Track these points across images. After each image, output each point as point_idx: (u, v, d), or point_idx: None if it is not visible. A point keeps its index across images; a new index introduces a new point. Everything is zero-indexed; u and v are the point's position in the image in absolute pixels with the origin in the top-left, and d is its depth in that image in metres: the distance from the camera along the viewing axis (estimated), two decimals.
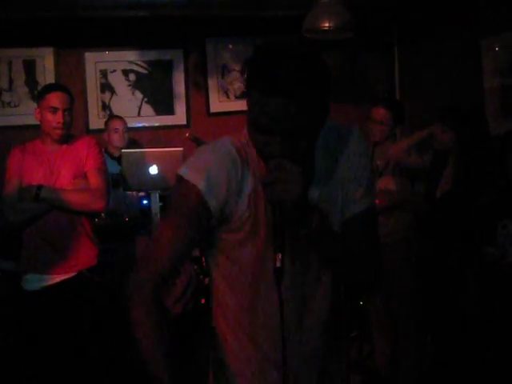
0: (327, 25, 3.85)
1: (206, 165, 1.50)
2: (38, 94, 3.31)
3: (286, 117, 1.34)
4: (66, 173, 3.19)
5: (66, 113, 3.15)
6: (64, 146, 3.23)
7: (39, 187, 3.09)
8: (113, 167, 4.17)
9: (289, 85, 1.32)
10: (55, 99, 3.14)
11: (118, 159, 4.46)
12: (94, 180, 3.21)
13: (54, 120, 3.12)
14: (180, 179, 1.50)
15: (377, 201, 3.61)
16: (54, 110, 3.12)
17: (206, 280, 3.92)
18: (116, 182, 4.11)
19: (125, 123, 4.83)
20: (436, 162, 3.63)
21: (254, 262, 1.55)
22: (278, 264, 1.41)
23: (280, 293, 1.46)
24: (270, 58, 1.37)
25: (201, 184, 1.47)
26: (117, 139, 4.73)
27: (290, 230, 1.45)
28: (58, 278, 3.15)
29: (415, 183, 3.88)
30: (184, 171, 1.51)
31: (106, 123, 4.88)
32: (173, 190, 1.62)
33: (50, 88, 3.28)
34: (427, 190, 3.66)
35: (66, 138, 3.24)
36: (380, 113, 3.86)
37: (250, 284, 1.57)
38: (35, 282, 3.18)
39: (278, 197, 1.37)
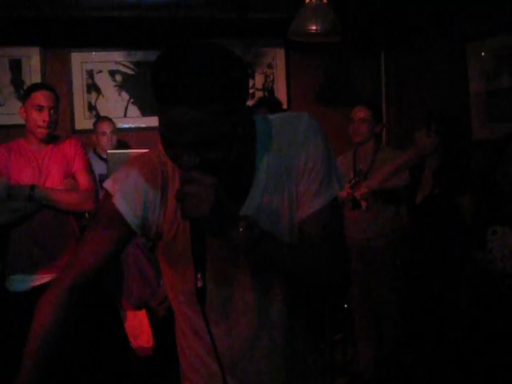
0: (314, 28, 3.85)
1: (125, 176, 1.45)
2: (24, 93, 3.31)
3: (189, 127, 1.22)
4: (55, 172, 3.19)
5: (52, 111, 3.15)
6: (51, 146, 3.22)
7: (32, 187, 3.08)
8: (101, 168, 4.15)
9: (189, 92, 1.19)
10: (41, 97, 3.13)
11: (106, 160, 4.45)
12: (83, 180, 3.22)
13: (40, 118, 3.12)
14: (103, 187, 1.50)
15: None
16: (40, 109, 3.11)
17: None
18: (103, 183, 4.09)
19: (113, 125, 4.82)
20: (415, 168, 3.65)
21: (182, 281, 1.49)
22: (200, 284, 1.32)
23: (204, 314, 1.36)
24: (168, 64, 1.22)
25: (116, 195, 1.44)
26: (105, 142, 4.73)
27: (213, 246, 1.35)
28: (45, 279, 3.13)
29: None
30: (106, 181, 1.49)
31: (94, 125, 4.87)
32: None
33: (35, 87, 3.28)
34: (407, 196, 3.67)
35: (51, 138, 3.23)
36: (360, 111, 3.89)
37: (185, 303, 1.54)
38: (21, 282, 3.16)
39: (189, 213, 1.25)
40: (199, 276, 1.32)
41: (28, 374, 1.51)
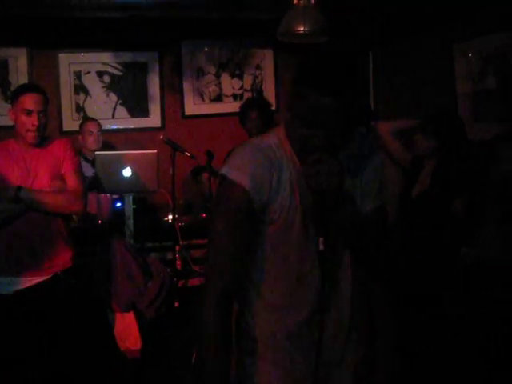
0: (302, 29, 3.85)
1: (249, 164, 1.64)
2: (12, 95, 3.26)
3: (333, 115, 1.53)
4: (43, 174, 3.15)
5: (41, 114, 3.11)
6: (40, 147, 3.19)
7: (19, 188, 3.05)
8: (87, 170, 4.14)
9: (339, 87, 1.53)
10: (29, 101, 3.09)
11: (93, 162, 4.43)
12: (72, 182, 3.18)
13: (29, 122, 3.08)
14: (224, 179, 1.64)
15: None
16: (29, 113, 3.07)
17: (180, 283, 3.91)
18: (90, 185, 4.08)
19: (99, 125, 4.79)
20: (413, 166, 3.65)
21: (295, 248, 1.71)
22: (321, 247, 1.63)
23: (323, 274, 1.67)
24: (324, 63, 1.58)
25: (247, 184, 1.61)
26: (91, 142, 4.69)
27: (328, 216, 1.64)
28: (32, 281, 3.10)
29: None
30: (227, 171, 1.64)
31: (81, 126, 4.83)
32: (217, 190, 1.71)
33: (23, 89, 3.21)
34: (403, 192, 3.67)
35: (41, 139, 3.20)
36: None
37: (293, 270, 1.74)
38: (9, 285, 3.12)
39: (321, 186, 1.57)
40: (321, 240, 1.64)
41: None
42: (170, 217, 4.33)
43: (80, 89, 5.40)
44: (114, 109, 5.48)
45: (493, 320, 3.05)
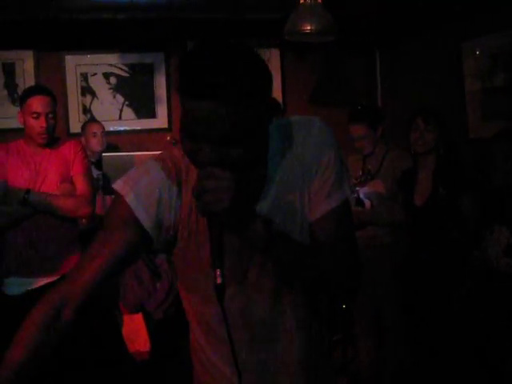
0: (309, 28, 3.85)
1: (137, 178, 1.43)
2: (20, 98, 3.26)
3: (214, 122, 1.23)
4: (52, 176, 3.16)
5: (49, 116, 3.11)
6: (49, 149, 3.19)
7: (27, 191, 3.06)
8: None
9: (216, 87, 1.21)
10: (37, 104, 3.09)
11: (96, 164, 4.42)
12: (81, 185, 3.19)
13: (37, 125, 3.08)
14: (114, 191, 1.45)
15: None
16: (37, 115, 3.08)
17: None
18: (96, 187, 4.08)
19: (103, 127, 4.76)
20: (405, 177, 3.64)
21: (201, 280, 1.46)
22: (219, 280, 1.31)
23: (223, 311, 1.36)
24: (197, 59, 1.27)
25: (129, 195, 1.40)
26: (95, 143, 4.65)
27: (230, 243, 1.36)
28: (40, 282, 3.11)
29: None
30: (116, 182, 1.45)
31: (83, 127, 4.80)
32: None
33: (31, 92, 3.22)
34: (404, 198, 3.65)
35: (51, 141, 3.20)
36: (357, 129, 3.86)
37: (202, 302, 1.52)
38: (17, 286, 3.14)
39: (207, 207, 1.26)
40: (218, 273, 1.31)
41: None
42: None
43: (87, 91, 5.39)
44: (121, 110, 5.47)
45: (501, 323, 3.02)
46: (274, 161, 1.45)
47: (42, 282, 3.12)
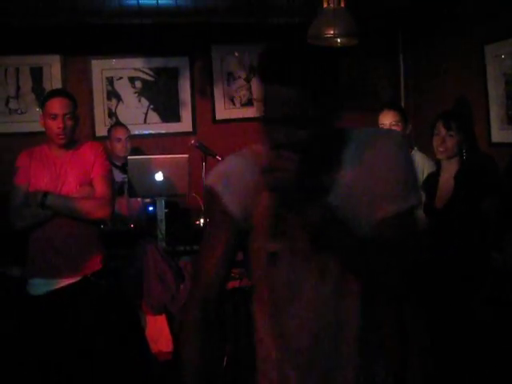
0: (332, 32, 3.85)
1: (225, 169, 1.59)
2: (41, 103, 3.33)
3: (284, 103, 1.37)
4: (72, 179, 3.20)
5: (67, 117, 3.15)
6: (70, 152, 3.24)
7: (45, 194, 3.11)
8: (116, 176, 4.18)
9: (286, 72, 1.36)
10: (54, 105, 3.15)
11: (121, 168, 4.48)
12: (100, 188, 3.22)
13: (55, 126, 3.13)
14: (204, 186, 1.63)
15: None
16: (54, 117, 3.13)
17: None
18: (120, 189, 4.13)
19: (127, 131, 4.82)
20: (428, 180, 3.63)
21: (261, 254, 1.53)
22: (272, 249, 1.44)
23: (272, 279, 1.48)
24: (275, 51, 1.42)
25: (219, 186, 1.54)
26: (119, 149, 4.72)
27: (291, 220, 1.45)
28: (63, 283, 3.16)
29: None
30: (207, 178, 1.61)
31: (109, 131, 4.88)
32: None
33: (48, 95, 3.28)
34: (426, 202, 3.64)
35: (72, 144, 3.25)
36: (389, 115, 3.85)
37: (263, 277, 1.55)
38: (41, 286, 3.19)
39: (273, 183, 1.37)
40: (274, 246, 1.45)
41: None
42: (202, 221, 4.36)
43: (112, 94, 5.46)
44: (146, 114, 5.53)
45: None
46: (348, 163, 1.51)
47: (65, 282, 3.17)
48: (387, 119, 3.85)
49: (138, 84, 5.50)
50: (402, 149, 1.52)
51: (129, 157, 4.38)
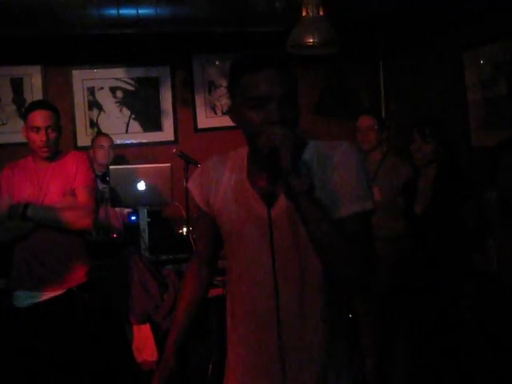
0: (312, 40, 3.88)
1: (200, 169, 1.90)
2: (23, 113, 3.31)
3: (275, 83, 1.60)
4: (54, 190, 3.18)
5: (50, 130, 3.13)
6: (53, 163, 3.22)
7: (26, 205, 3.09)
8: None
9: (271, 60, 1.63)
10: (37, 118, 3.12)
11: (102, 176, 4.47)
12: (82, 197, 3.20)
13: (38, 139, 3.11)
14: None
15: None
16: (37, 130, 3.11)
17: None
18: (100, 199, 4.12)
19: (111, 141, 4.84)
20: (408, 186, 3.66)
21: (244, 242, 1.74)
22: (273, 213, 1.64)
23: (272, 242, 1.64)
24: (251, 56, 1.67)
25: (190, 184, 1.88)
26: (101, 156, 4.73)
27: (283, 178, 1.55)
28: (47, 295, 3.14)
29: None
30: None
31: (93, 140, 4.90)
32: None
33: (31, 107, 3.24)
34: (406, 206, 3.67)
35: (55, 154, 3.24)
36: (366, 120, 3.91)
37: (244, 249, 1.75)
38: (25, 298, 3.17)
39: (273, 143, 1.53)
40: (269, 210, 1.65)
41: (178, 329, 1.99)
42: (185, 229, 4.35)
43: (93, 104, 5.46)
44: (128, 124, 5.53)
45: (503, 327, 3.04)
46: (305, 165, 1.65)
47: (49, 295, 3.15)
48: (363, 124, 3.92)
49: (120, 94, 5.50)
50: (351, 155, 1.66)
51: (111, 166, 4.37)
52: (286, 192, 1.55)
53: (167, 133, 5.57)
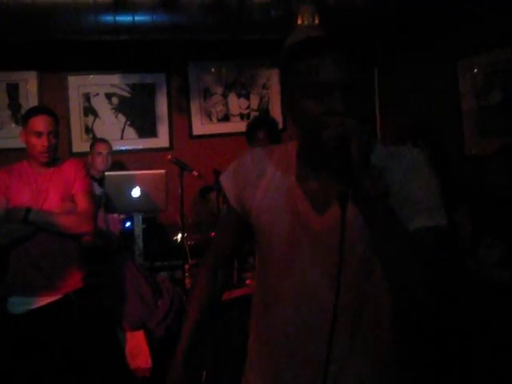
0: None
1: (236, 162, 1.67)
2: (23, 118, 3.30)
3: (343, 67, 1.39)
4: (53, 195, 3.18)
5: (51, 135, 3.14)
6: (51, 169, 3.22)
7: (28, 210, 3.08)
8: (94, 189, 4.18)
9: (340, 43, 1.42)
10: (39, 123, 3.12)
11: (99, 181, 4.47)
12: (82, 203, 3.20)
13: (39, 144, 3.11)
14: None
15: None
16: (39, 135, 3.11)
17: None
18: (98, 204, 4.11)
19: (109, 147, 4.85)
20: None
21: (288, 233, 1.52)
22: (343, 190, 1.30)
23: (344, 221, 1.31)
24: (312, 37, 1.48)
25: (222, 176, 1.69)
26: (100, 162, 4.75)
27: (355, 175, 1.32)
28: (43, 301, 3.13)
29: None
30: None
31: (91, 146, 4.90)
32: None
33: (33, 112, 3.25)
34: None
35: (53, 161, 3.24)
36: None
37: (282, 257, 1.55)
38: (20, 304, 3.15)
39: (340, 135, 1.28)
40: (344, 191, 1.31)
41: (190, 332, 1.79)
42: (179, 236, 4.35)
43: (89, 111, 5.47)
44: (123, 130, 5.54)
45: (496, 332, 3.05)
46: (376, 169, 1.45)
47: (45, 301, 3.14)
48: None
49: (115, 100, 5.51)
50: (422, 168, 1.48)
51: (106, 172, 4.38)
52: (355, 195, 1.31)
53: (162, 139, 5.58)
